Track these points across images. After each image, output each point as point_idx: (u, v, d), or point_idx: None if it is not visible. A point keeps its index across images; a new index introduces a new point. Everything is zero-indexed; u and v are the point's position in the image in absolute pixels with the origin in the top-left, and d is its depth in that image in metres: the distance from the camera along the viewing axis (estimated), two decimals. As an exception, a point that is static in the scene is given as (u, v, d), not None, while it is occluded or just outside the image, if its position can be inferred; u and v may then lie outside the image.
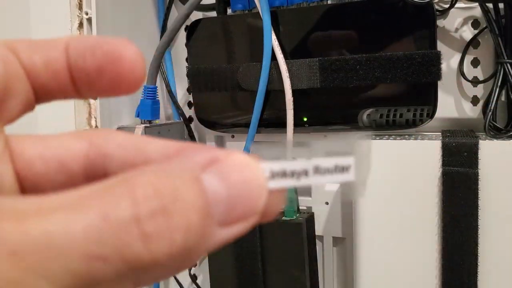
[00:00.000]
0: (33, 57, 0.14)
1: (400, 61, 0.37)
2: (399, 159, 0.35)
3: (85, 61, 0.14)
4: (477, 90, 0.39)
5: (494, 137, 0.35)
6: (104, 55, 0.14)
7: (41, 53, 0.14)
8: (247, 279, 0.40)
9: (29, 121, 0.50)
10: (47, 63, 0.14)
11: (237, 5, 0.42)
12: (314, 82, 0.39)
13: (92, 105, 0.45)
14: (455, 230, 0.33)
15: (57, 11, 0.45)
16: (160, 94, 0.47)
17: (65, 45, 0.15)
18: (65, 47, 0.14)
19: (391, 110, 0.38)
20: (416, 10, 0.37)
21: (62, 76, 0.14)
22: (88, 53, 0.14)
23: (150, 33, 0.49)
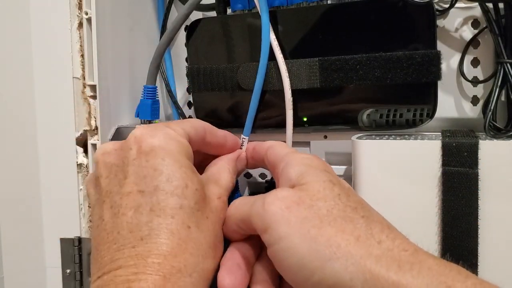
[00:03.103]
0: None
1: (400, 61, 0.37)
2: (399, 159, 0.35)
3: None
4: (477, 90, 0.39)
5: (494, 137, 0.35)
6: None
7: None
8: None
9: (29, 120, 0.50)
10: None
11: (237, 5, 0.42)
12: (314, 82, 0.39)
13: (92, 105, 0.45)
14: (455, 230, 0.33)
15: (57, 11, 0.45)
16: (160, 94, 0.47)
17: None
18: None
19: (391, 110, 0.38)
20: (416, 10, 0.37)
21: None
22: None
23: (150, 33, 0.49)
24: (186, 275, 0.26)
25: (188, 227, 0.28)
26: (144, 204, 0.28)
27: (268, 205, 0.26)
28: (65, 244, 0.46)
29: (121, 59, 0.46)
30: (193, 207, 0.29)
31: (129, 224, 0.28)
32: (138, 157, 0.29)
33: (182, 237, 0.27)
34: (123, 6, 0.46)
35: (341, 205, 0.27)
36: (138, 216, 0.28)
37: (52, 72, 0.46)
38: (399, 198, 0.35)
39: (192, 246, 0.28)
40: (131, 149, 0.30)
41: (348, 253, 0.24)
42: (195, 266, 0.27)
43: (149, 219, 0.28)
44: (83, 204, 0.46)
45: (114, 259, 0.27)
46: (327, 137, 0.43)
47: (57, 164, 0.46)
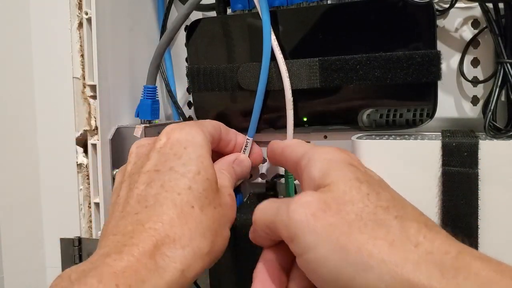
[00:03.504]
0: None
1: (400, 61, 0.37)
2: (399, 159, 0.35)
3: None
4: (477, 90, 0.39)
5: (494, 137, 0.35)
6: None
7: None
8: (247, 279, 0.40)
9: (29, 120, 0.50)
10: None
11: (237, 5, 0.42)
12: (314, 82, 0.39)
13: (92, 105, 0.45)
14: (455, 230, 0.33)
15: (57, 11, 0.45)
16: (160, 94, 0.47)
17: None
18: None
19: (391, 110, 0.38)
20: (416, 10, 0.37)
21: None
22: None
23: (150, 33, 0.49)
24: (179, 247, 0.27)
25: (192, 207, 0.29)
26: (156, 180, 0.30)
27: (292, 213, 0.25)
28: (65, 244, 0.46)
29: (121, 59, 0.46)
30: (201, 193, 0.30)
31: (138, 196, 0.29)
32: (165, 146, 0.32)
33: (184, 212, 0.28)
34: (123, 6, 0.46)
35: (371, 206, 0.25)
36: (148, 189, 0.29)
37: (52, 72, 0.45)
38: (399, 198, 0.35)
39: (191, 223, 0.28)
40: (161, 140, 0.32)
41: (381, 262, 0.22)
42: (190, 241, 0.28)
43: (157, 192, 0.29)
44: (83, 204, 0.46)
45: (116, 225, 0.29)
46: (327, 137, 0.43)
47: (57, 164, 0.46)
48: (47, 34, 0.45)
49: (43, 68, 0.46)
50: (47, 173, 0.47)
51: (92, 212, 0.46)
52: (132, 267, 0.25)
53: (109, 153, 0.44)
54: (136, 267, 0.25)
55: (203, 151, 0.32)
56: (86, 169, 0.46)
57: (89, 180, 0.45)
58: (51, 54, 0.45)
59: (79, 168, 0.46)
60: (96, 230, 0.46)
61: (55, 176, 0.46)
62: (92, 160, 0.45)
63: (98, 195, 0.45)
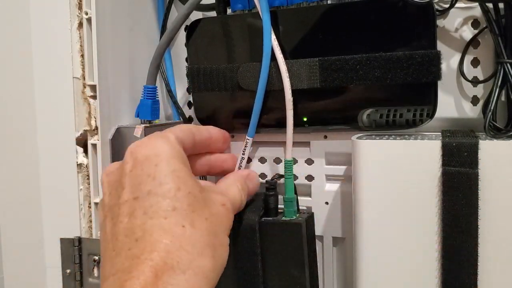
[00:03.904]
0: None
1: (400, 61, 0.37)
2: (399, 159, 0.35)
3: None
4: (477, 90, 0.39)
5: (494, 137, 0.35)
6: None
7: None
8: (247, 279, 0.40)
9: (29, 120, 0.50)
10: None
11: (237, 5, 0.42)
12: (314, 82, 0.39)
13: (92, 105, 0.45)
14: (455, 230, 0.33)
15: (57, 11, 0.45)
16: (160, 94, 0.47)
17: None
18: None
19: (391, 110, 0.38)
20: (416, 10, 0.37)
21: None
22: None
23: (150, 33, 0.49)
24: (179, 272, 0.27)
25: (183, 226, 0.28)
26: (138, 208, 0.29)
27: None
28: (65, 244, 0.46)
29: (121, 59, 0.46)
30: (187, 209, 0.29)
31: (125, 230, 0.28)
32: (134, 168, 0.30)
33: (176, 235, 0.28)
34: (123, 6, 0.46)
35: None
36: (133, 220, 0.28)
37: (52, 72, 0.46)
38: (399, 198, 0.35)
39: (187, 244, 0.28)
40: (128, 162, 0.31)
41: None
42: (190, 263, 0.27)
43: (142, 222, 0.28)
44: (83, 204, 0.46)
45: (112, 265, 0.28)
46: (327, 137, 0.43)
47: (57, 164, 0.46)
48: (47, 34, 0.45)
49: (43, 68, 0.46)
50: (47, 173, 0.47)
51: (92, 212, 0.46)
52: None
53: (109, 153, 0.44)
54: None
55: (175, 163, 0.30)
56: (86, 169, 0.46)
57: (89, 180, 0.45)
58: (51, 54, 0.45)
59: (79, 168, 0.46)
60: (96, 230, 0.46)
61: (55, 176, 0.46)
62: (92, 160, 0.45)
63: (98, 195, 0.45)
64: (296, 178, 0.44)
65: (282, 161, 0.44)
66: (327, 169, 0.43)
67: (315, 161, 0.44)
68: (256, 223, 0.39)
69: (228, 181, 0.37)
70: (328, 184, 0.43)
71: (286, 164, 0.41)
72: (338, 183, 0.43)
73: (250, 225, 0.39)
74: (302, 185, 0.44)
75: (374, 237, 0.36)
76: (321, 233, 0.44)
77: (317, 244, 0.43)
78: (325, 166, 0.43)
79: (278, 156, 0.45)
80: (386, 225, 0.35)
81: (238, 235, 0.39)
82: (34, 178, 0.46)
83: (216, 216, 0.31)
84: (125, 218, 0.29)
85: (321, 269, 0.44)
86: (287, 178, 0.41)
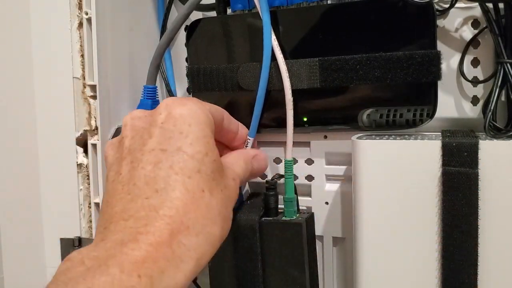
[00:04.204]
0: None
1: (400, 61, 0.37)
2: (399, 159, 0.35)
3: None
4: (477, 90, 0.39)
5: (494, 137, 0.35)
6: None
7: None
8: (247, 279, 0.40)
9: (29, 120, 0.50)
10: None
11: (237, 5, 0.42)
12: (314, 82, 0.39)
13: (92, 105, 0.45)
14: (455, 230, 0.33)
15: (57, 11, 0.45)
16: (160, 94, 0.47)
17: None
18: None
19: (391, 110, 0.38)
20: (416, 10, 0.37)
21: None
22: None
23: (150, 33, 0.49)
24: (193, 234, 0.27)
25: (202, 191, 0.28)
26: (164, 160, 0.29)
27: None
28: (65, 244, 0.46)
29: (121, 59, 0.46)
30: (210, 175, 0.29)
31: (146, 177, 0.28)
32: (167, 121, 0.30)
33: (196, 197, 0.28)
34: (123, 6, 0.46)
35: None
36: (157, 171, 0.28)
37: (52, 72, 0.45)
38: (399, 198, 0.35)
39: (203, 208, 0.28)
40: (161, 114, 0.31)
41: None
42: (203, 227, 0.28)
43: (167, 174, 0.28)
44: (83, 204, 0.46)
45: (125, 209, 0.27)
46: (327, 137, 0.43)
47: (57, 164, 0.46)
48: (47, 34, 0.45)
49: (43, 68, 0.46)
50: (47, 173, 0.47)
51: (92, 212, 0.46)
52: (151, 257, 0.25)
53: (109, 153, 0.44)
54: (155, 257, 0.25)
55: (208, 130, 0.31)
56: (86, 169, 0.46)
57: (89, 180, 0.45)
58: (51, 54, 0.45)
59: (79, 168, 0.46)
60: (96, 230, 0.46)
61: (55, 176, 0.46)
62: (92, 160, 0.45)
63: (98, 195, 0.45)
64: (296, 178, 0.44)
65: (282, 161, 0.44)
66: (327, 169, 0.43)
67: (315, 161, 0.44)
68: (256, 223, 0.39)
69: (234, 156, 0.36)
70: (328, 184, 0.43)
71: (286, 164, 0.41)
72: (338, 183, 0.43)
73: (250, 225, 0.39)
74: (302, 185, 0.44)
75: (374, 237, 0.36)
76: (321, 233, 0.44)
77: (317, 244, 0.43)
78: (325, 166, 0.43)
79: (278, 156, 0.45)
80: (386, 225, 0.35)
81: (238, 235, 0.39)
82: (34, 178, 0.46)
83: (229, 188, 0.32)
84: (148, 166, 0.29)
85: (321, 269, 0.44)
86: (287, 178, 0.41)
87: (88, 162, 0.45)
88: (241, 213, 0.39)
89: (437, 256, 0.34)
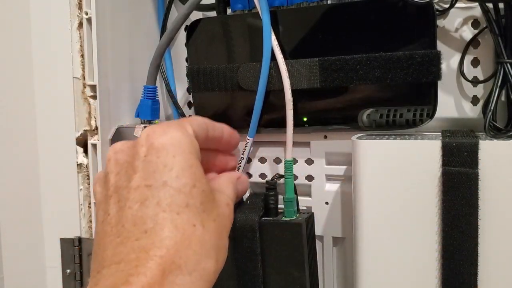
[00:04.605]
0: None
1: (400, 61, 0.37)
2: (399, 159, 0.35)
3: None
4: (477, 90, 0.39)
5: (494, 137, 0.35)
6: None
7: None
8: (247, 279, 0.40)
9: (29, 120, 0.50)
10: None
11: (237, 5, 0.42)
12: (314, 82, 0.39)
13: (92, 105, 0.45)
14: (455, 230, 0.33)
15: (57, 11, 0.45)
16: (160, 94, 0.47)
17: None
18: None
19: (391, 110, 0.38)
20: (416, 10, 0.37)
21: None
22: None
23: (150, 33, 0.49)
24: (186, 273, 0.26)
25: (193, 225, 0.28)
26: (150, 197, 0.28)
27: None
28: (65, 244, 0.46)
29: (121, 59, 0.46)
30: (199, 207, 0.28)
31: (134, 217, 0.27)
32: (149, 154, 0.29)
33: (186, 233, 0.27)
34: (123, 6, 0.46)
35: None
36: (144, 209, 0.27)
37: (52, 72, 0.46)
38: (399, 198, 0.35)
39: (196, 244, 0.27)
40: (143, 146, 0.29)
41: None
42: (196, 264, 0.27)
43: (154, 213, 0.27)
44: (83, 204, 0.46)
45: (116, 253, 0.27)
46: (327, 137, 0.43)
47: (57, 164, 0.46)
48: (47, 34, 0.45)
49: (43, 68, 0.46)
50: (47, 173, 0.47)
51: (92, 212, 0.46)
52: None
53: (109, 153, 0.44)
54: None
55: (193, 159, 0.29)
56: (86, 169, 0.46)
57: (89, 180, 0.45)
58: (51, 54, 0.45)
59: (79, 168, 0.46)
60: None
61: (55, 176, 0.46)
62: (92, 160, 0.45)
63: (98, 195, 0.45)
64: (296, 178, 0.44)
65: (282, 161, 0.44)
66: (327, 169, 0.43)
67: (315, 161, 0.44)
68: (256, 223, 0.39)
69: (223, 180, 0.36)
70: (328, 184, 0.43)
71: (286, 164, 0.41)
72: (338, 183, 0.43)
73: (250, 225, 0.39)
74: (302, 185, 0.44)
75: (374, 237, 0.36)
76: (321, 233, 0.44)
77: (317, 244, 0.43)
78: (325, 166, 0.43)
79: (278, 156, 0.45)
80: (386, 225, 0.35)
81: (238, 235, 0.39)
82: (34, 178, 0.46)
83: (222, 217, 0.30)
84: (135, 205, 0.28)
85: (321, 269, 0.44)
86: (287, 178, 0.41)
87: (88, 162, 0.45)
88: (241, 213, 0.39)
89: (437, 256, 0.34)
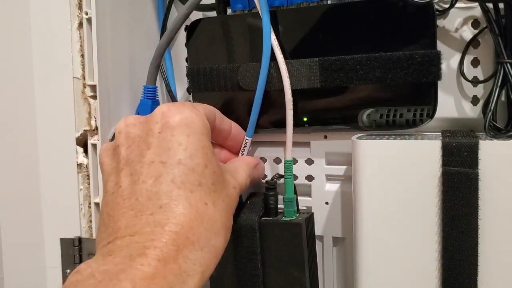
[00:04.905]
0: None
1: (400, 61, 0.37)
2: (399, 159, 0.35)
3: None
4: (477, 90, 0.39)
5: (494, 137, 0.35)
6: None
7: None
8: (247, 279, 0.40)
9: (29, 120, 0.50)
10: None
11: (237, 5, 0.42)
12: (314, 82, 0.39)
13: (92, 105, 0.45)
14: (455, 230, 0.33)
15: (57, 11, 0.45)
16: (160, 94, 0.47)
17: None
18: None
19: (391, 110, 0.38)
20: (416, 10, 0.37)
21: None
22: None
23: (150, 33, 0.49)
24: (198, 248, 0.27)
25: (205, 204, 0.29)
26: (165, 174, 0.28)
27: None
28: (65, 244, 0.46)
29: (121, 59, 0.46)
30: (211, 187, 0.29)
31: (148, 192, 0.28)
32: (164, 131, 0.30)
33: (199, 211, 0.28)
34: (123, 6, 0.46)
35: None
36: (158, 185, 0.28)
37: (52, 72, 0.46)
38: (399, 198, 0.35)
39: (207, 222, 0.28)
40: (157, 123, 0.30)
41: None
42: (207, 241, 0.28)
43: (169, 189, 0.28)
44: (83, 204, 0.46)
45: (130, 225, 0.27)
46: (327, 137, 0.43)
47: (57, 164, 0.46)
48: (47, 34, 0.45)
49: (43, 68, 0.46)
50: (47, 173, 0.47)
51: (92, 212, 0.46)
52: (160, 274, 0.25)
53: (109, 153, 0.44)
54: (163, 273, 0.25)
55: (206, 140, 0.31)
56: (86, 169, 0.46)
57: (89, 180, 0.45)
58: (51, 54, 0.45)
59: (79, 168, 0.46)
60: (96, 230, 0.46)
61: (55, 176, 0.46)
62: (92, 160, 0.45)
63: (98, 195, 0.45)
64: (296, 178, 0.44)
65: (282, 161, 0.44)
66: (327, 169, 0.43)
67: (315, 161, 0.44)
68: (256, 223, 0.39)
69: (237, 165, 0.36)
70: (328, 184, 0.43)
71: (286, 164, 0.41)
72: (338, 183, 0.43)
73: (250, 225, 0.39)
74: (302, 185, 0.44)
75: (374, 237, 0.36)
76: (321, 233, 0.44)
77: (317, 244, 0.43)
78: (325, 166, 0.43)
79: (278, 156, 0.45)
80: (386, 225, 0.35)
81: (238, 235, 0.39)
82: (34, 178, 0.46)
83: (230, 198, 0.32)
84: (149, 180, 0.28)
85: (321, 269, 0.44)
86: (287, 178, 0.41)
87: (88, 162, 0.45)
88: (241, 213, 0.39)
89: (437, 256, 0.34)
